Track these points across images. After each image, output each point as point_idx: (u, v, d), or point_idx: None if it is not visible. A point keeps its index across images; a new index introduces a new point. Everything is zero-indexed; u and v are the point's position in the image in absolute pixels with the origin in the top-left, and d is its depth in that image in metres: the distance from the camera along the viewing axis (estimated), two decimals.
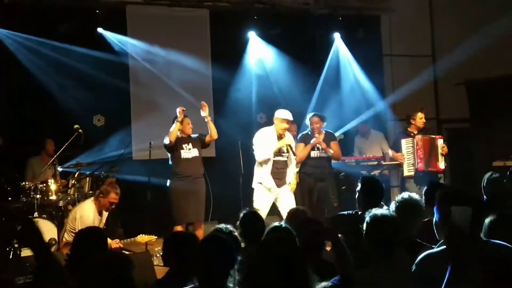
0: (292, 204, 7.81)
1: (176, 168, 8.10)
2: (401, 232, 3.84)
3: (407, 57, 12.04)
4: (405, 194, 4.67)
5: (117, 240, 7.21)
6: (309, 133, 8.56)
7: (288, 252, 3.04)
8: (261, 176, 8.01)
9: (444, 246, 3.20)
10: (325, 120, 8.71)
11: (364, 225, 3.87)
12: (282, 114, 8.03)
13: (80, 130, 7.79)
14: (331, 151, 8.47)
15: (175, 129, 7.93)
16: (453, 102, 11.83)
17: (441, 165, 8.56)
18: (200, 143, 8.30)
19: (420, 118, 8.73)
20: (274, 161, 7.97)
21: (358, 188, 5.28)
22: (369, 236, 3.83)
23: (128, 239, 7.35)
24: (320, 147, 8.49)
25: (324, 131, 8.55)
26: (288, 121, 8.00)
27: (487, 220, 3.65)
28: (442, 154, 8.58)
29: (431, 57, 12.38)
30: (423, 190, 5.40)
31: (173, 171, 8.14)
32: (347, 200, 9.15)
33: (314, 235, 4.21)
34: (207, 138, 8.31)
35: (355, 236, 4.62)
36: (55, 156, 8.19)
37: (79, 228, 6.91)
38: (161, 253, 5.51)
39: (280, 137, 8.04)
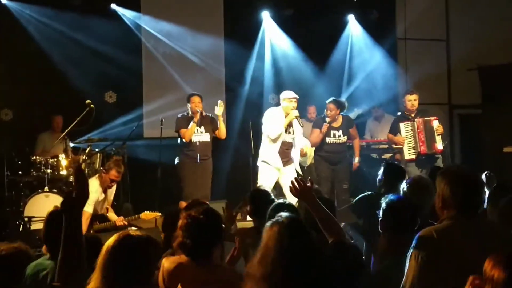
0: None
1: (185, 148, 8.18)
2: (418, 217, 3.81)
3: (421, 41, 11.95)
4: (416, 176, 4.69)
5: (122, 218, 7.28)
6: (325, 118, 8.56)
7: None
8: (268, 155, 8.01)
9: (448, 222, 3.18)
10: (345, 106, 8.72)
11: (380, 211, 3.83)
12: (290, 94, 8.05)
13: (91, 106, 7.77)
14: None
15: (190, 131, 8.02)
16: (466, 88, 11.75)
17: (439, 145, 8.44)
18: (212, 128, 8.31)
19: (408, 101, 8.51)
20: (283, 141, 7.99)
21: (381, 171, 5.33)
22: (385, 223, 3.79)
23: (132, 216, 7.36)
24: (336, 134, 8.54)
25: (342, 116, 8.61)
26: (296, 100, 7.98)
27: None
28: (438, 135, 8.49)
29: (445, 41, 12.29)
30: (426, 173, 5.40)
31: (182, 150, 8.21)
32: (357, 182, 9.18)
33: None
34: (216, 133, 8.35)
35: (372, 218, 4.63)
36: (66, 131, 8.18)
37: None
38: None
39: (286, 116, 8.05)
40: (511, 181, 6.15)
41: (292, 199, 6.20)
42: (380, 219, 3.81)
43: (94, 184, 7.11)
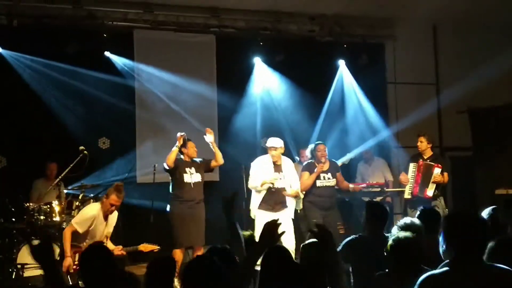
0: (290, 230, 7.92)
1: (177, 192, 8.17)
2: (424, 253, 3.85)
3: (411, 85, 12.11)
4: (407, 219, 4.77)
5: (120, 247, 7.20)
6: (314, 161, 8.61)
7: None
8: (252, 203, 8.21)
9: (447, 268, 3.20)
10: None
11: (389, 249, 3.87)
12: (269, 142, 8.23)
13: (85, 152, 7.84)
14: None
15: (172, 155, 8.01)
16: (457, 130, 11.87)
17: (429, 192, 8.56)
18: (204, 167, 8.36)
19: (418, 143, 8.84)
20: (270, 187, 8.10)
21: (364, 212, 5.39)
22: (395, 260, 3.82)
23: (131, 247, 7.31)
24: (325, 176, 8.54)
25: (329, 160, 8.66)
26: (274, 148, 8.12)
27: (490, 245, 3.66)
28: (433, 182, 8.60)
29: (435, 85, 12.46)
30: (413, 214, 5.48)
31: (174, 194, 8.20)
32: (352, 226, 9.20)
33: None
34: (213, 163, 8.40)
35: (366, 262, 4.67)
36: (59, 178, 8.22)
37: (76, 217, 6.98)
38: None
39: (275, 163, 8.18)
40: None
41: (287, 244, 6.24)
42: (388, 255, 3.85)
43: (93, 206, 7.13)
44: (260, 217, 8.06)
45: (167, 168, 8.06)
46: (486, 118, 11.32)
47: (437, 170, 8.61)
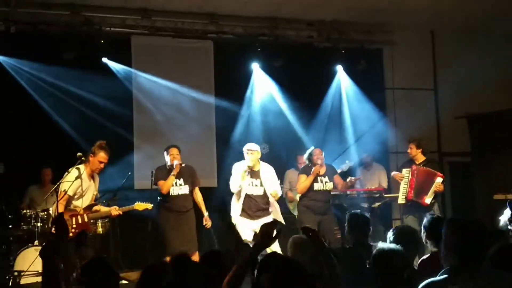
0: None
1: (165, 201, 8.17)
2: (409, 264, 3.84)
3: (409, 91, 12.10)
4: (400, 225, 4.78)
5: (116, 207, 7.37)
6: (310, 165, 8.60)
7: None
8: (235, 209, 8.13)
9: (446, 275, 3.18)
10: None
11: (372, 260, 3.85)
12: (246, 146, 8.19)
13: (83, 158, 7.77)
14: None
15: (169, 182, 8.03)
16: (455, 136, 11.87)
17: (427, 200, 8.57)
18: (191, 180, 8.30)
19: (408, 149, 8.93)
20: (247, 194, 8.05)
21: (346, 224, 5.43)
22: (378, 271, 3.80)
23: (126, 207, 7.50)
24: (323, 180, 8.54)
25: (325, 165, 8.66)
26: (251, 152, 8.04)
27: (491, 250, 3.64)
28: (435, 191, 8.60)
29: (433, 91, 12.46)
30: (410, 220, 5.44)
31: (162, 203, 8.19)
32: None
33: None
34: (195, 191, 8.35)
35: (351, 273, 4.67)
36: (57, 185, 8.07)
37: (62, 182, 7.02)
38: None
39: (251, 169, 8.09)
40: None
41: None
42: (372, 267, 3.83)
43: (75, 171, 7.17)
44: (241, 224, 8.06)
45: (160, 191, 8.11)
46: (485, 124, 11.32)
47: (439, 179, 8.59)
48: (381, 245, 3.93)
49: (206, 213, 8.26)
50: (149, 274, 3.92)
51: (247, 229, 7.96)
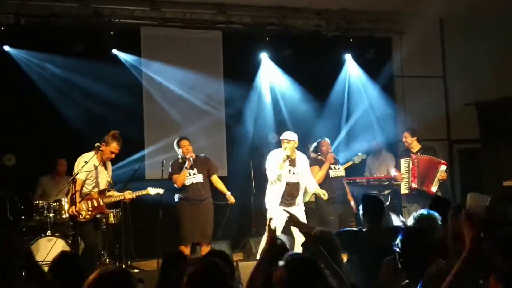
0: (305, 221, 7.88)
1: (181, 191, 8.23)
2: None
3: (418, 78, 12.09)
4: (424, 210, 4.75)
5: (130, 192, 7.61)
6: (320, 156, 8.77)
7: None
8: (273, 197, 8.02)
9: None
10: None
11: (398, 241, 3.83)
12: (282, 135, 8.16)
13: (101, 149, 7.78)
14: None
15: (182, 177, 8.12)
16: (464, 123, 11.86)
17: (433, 188, 8.61)
18: (207, 169, 8.38)
19: (403, 139, 9.09)
20: (286, 182, 8.00)
21: (360, 207, 5.41)
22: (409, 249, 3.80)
23: (139, 192, 7.74)
24: (335, 166, 8.81)
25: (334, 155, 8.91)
26: (287, 141, 7.98)
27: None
28: (439, 179, 8.62)
29: (442, 78, 12.44)
30: (415, 208, 5.46)
31: (179, 193, 8.26)
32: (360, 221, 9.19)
33: None
34: (213, 178, 8.43)
35: (361, 255, 4.75)
36: (76, 174, 7.96)
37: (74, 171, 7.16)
38: None
39: (288, 157, 8.02)
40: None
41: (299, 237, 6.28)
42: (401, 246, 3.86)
43: (86, 156, 7.32)
44: (280, 214, 8.02)
45: (175, 184, 8.20)
46: (494, 111, 11.31)
47: (443, 167, 8.61)
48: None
49: (228, 192, 8.36)
50: (169, 261, 4.11)
51: (279, 217, 7.95)
